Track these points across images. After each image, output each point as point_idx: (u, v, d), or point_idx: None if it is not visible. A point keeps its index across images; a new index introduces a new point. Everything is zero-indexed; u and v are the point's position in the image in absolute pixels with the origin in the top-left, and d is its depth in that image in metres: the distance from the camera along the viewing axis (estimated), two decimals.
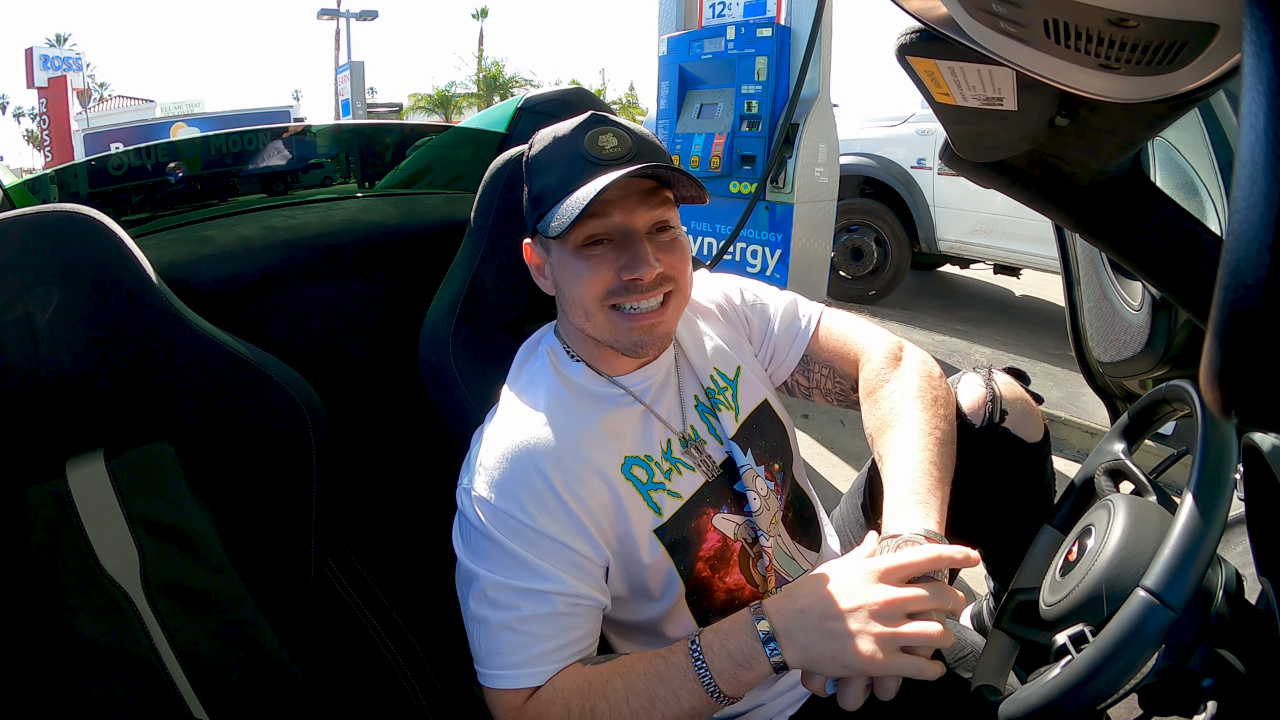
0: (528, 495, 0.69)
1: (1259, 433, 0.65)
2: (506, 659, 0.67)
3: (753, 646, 0.62)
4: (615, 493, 0.72)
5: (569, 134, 0.72)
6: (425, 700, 0.82)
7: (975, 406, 0.88)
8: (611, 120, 0.73)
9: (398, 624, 0.84)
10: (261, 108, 15.45)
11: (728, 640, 0.63)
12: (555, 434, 0.72)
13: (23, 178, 1.16)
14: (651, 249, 0.71)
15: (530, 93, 1.34)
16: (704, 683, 0.63)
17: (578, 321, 0.75)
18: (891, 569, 0.61)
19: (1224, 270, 0.25)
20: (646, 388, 0.79)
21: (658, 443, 0.78)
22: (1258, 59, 0.23)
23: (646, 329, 0.72)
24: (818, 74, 2.76)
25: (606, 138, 0.71)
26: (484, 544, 0.69)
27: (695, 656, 0.64)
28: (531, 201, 0.75)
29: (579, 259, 0.72)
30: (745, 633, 0.63)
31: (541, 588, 0.67)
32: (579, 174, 0.69)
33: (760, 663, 0.62)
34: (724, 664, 0.63)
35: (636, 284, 0.71)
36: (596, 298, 0.72)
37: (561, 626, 0.68)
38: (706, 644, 0.64)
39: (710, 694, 0.63)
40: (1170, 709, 0.60)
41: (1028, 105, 0.61)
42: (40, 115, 15.35)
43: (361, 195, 1.30)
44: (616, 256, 0.71)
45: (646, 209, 0.71)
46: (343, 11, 19.02)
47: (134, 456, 0.70)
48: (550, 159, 0.73)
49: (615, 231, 0.71)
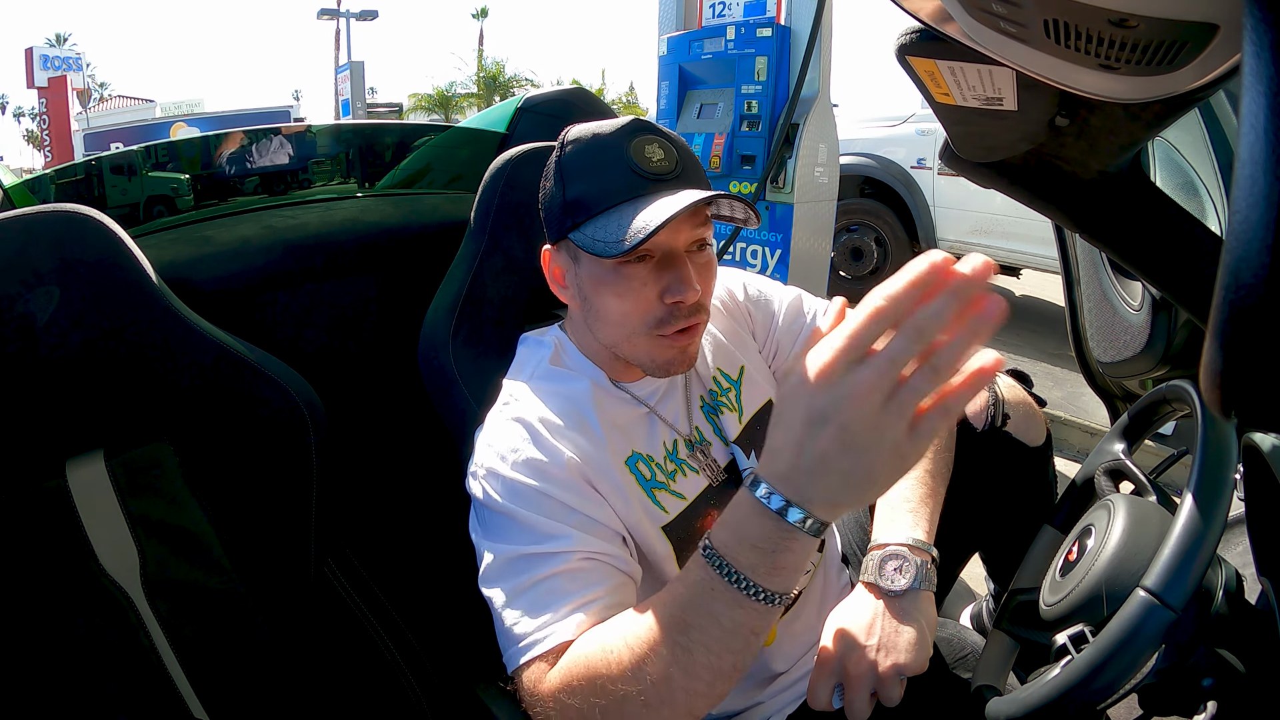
0: (534, 463, 0.67)
1: (1259, 433, 0.65)
2: (525, 626, 0.61)
3: (778, 527, 0.49)
4: (618, 482, 0.71)
5: (611, 137, 0.68)
6: (425, 700, 0.82)
7: (977, 410, 0.87)
8: (655, 128, 0.70)
9: (398, 624, 0.84)
10: (261, 108, 15.46)
11: (744, 531, 0.50)
12: (561, 416, 0.71)
13: (23, 178, 1.16)
14: (692, 271, 0.68)
15: (530, 92, 1.34)
16: (742, 587, 0.50)
17: (609, 338, 0.73)
18: (833, 360, 0.45)
19: (1224, 270, 0.25)
20: (653, 393, 0.79)
21: (662, 444, 0.77)
22: (1258, 59, 0.23)
23: (680, 350, 0.71)
24: (818, 74, 2.75)
25: (653, 149, 0.68)
26: (496, 518, 0.67)
27: (717, 563, 0.51)
28: (566, 207, 0.70)
29: (618, 276, 0.69)
30: (762, 516, 0.49)
31: (552, 548, 0.63)
32: (626, 187, 0.66)
33: (795, 538, 0.48)
34: (754, 558, 0.50)
35: (679, 307, 0.69)
36: (643, 322, 0.69)
37: (579, 581, 0.62)
38: (722, 544, 0.51)
39: (756, 597, 0.50)
40: (1170, 709, 0.60)
41: (1028, 105, 0.61)
42: (40, 115, 15.36)
43: (361, 195, 1.30)
44: (659, 277, 0.68)
45: (690, 227, 0.69)
46: (343, 11, 19.02)
47: (134, 456, 0.70)
48: (591, 163, 0.69)
49: (658, 249, 0.68)
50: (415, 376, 0.94)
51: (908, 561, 0.66)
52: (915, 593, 0.65)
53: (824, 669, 0.64)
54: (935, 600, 0.69)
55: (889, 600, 0.66)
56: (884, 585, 0.66)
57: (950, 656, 0.85)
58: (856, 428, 0.44)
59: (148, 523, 0.69)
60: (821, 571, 0.86)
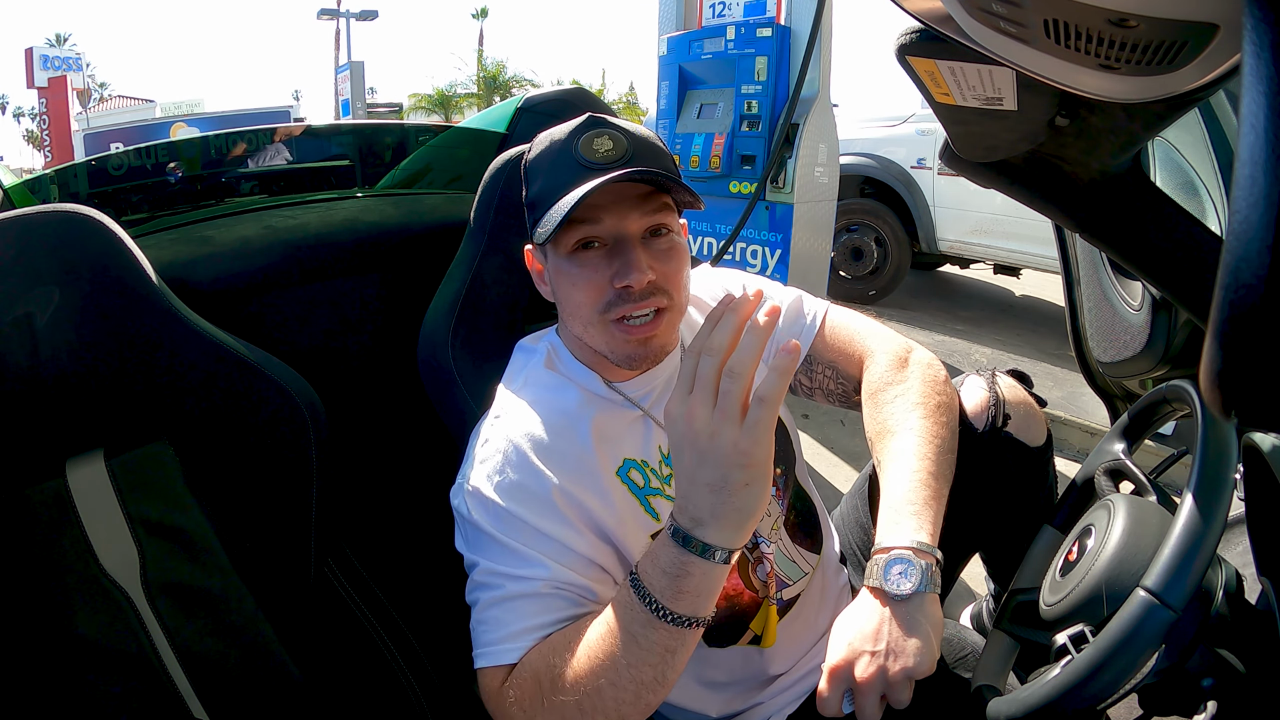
0: (518, 489, 0.68)
1: (1259, 433, 0.65)
2: (488, 636, 0.66)
3: (677, 552, 0.56)
4: (608, 496, 0.72)
5: (564, 137, 0.71)
6: (425, 700, 0.82)
7: (978, 410, 0.87)
8: (608, 122, 0.71)
9: (398, 624, 0.84)
10: (261, 108, 15.46)
11: (657, 558, 0.58)
12: (549, 432, 0.72)
13: (23, 178, 1.16)
14: (645, 255, 0.69)
15: (530, 92, 1.34)
16: (654, 610, 0.57)
17: (576, 330, 0.74)
18: (669, 403, 0.57)
19: (1224, 270, 0.25)
20: (647, 394, 0.79)
21: (656, 448, 0.77)
22: (1258, 59, 0.23)
23: (640, 342, 0.71)
24: (818, 74, 2.75)
25: (601, 140, 0.70)
26: (477, 536, 0.69)
27: (635, 587, 0.59)
28: (528, 206, 0.74)
29: (572, 264, 0.71)
30: (666, 541, 0.57)
31: (527, 573, 0.66)
32: (570, 178, 0.68)
33: (691, 561, 0.56)
34: (662, 581, 0.57)
35: (628, 291, 0.69)
36: (595, 309, 0.71)
37: (545, 606, 0.66)
38: (642, 570, 0.59)
39: (662, 618, 0.57)
40: (1170, 709, 0.59)
41: (1028, 105, 0.61)
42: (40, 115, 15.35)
43: (361, 195, 1.30)
44: (609, 262, 0.70)
45: (640, 214, 0.70)
46: (343, 11, 19.02)
47: (134, 456, 0.70)
48: (545, 163, 0.72)
49: (608, 237, 0.70)
50: (415, 377, 0.94)
51: (912, 565, 0.66)
52: (921, 596, 0.65)
53: (834, 678, 0.64)
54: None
55: (895, 605, 0.65)
56: (890, 590, 0.66)
57: (950, 656, 0.85)
58: (699, 441, 0.54)
59: (148, 523, 0.69)
60: (820, 572, 0.85)
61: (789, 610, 0.81)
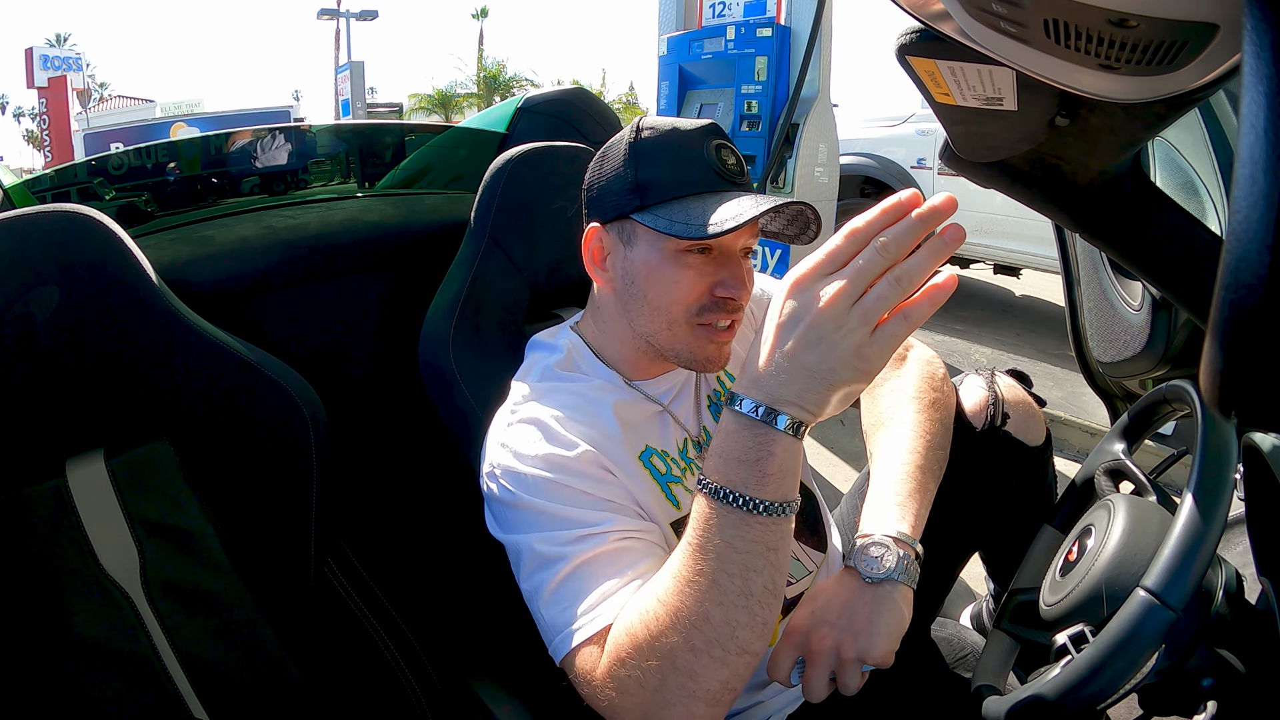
0: (554, 459, 0.68)
1: (1259, 433, 0.65)
2: (569, 613, 0.61)
3: (755, 433, 0.52)
4: (635, 474, 0.72)
5: (691, 133, 0.72)
6: (425, 700, 0.82)
7: (977, 409, 0.87)
8: (727, 136, 0.74)
9: (398, 624, 0.84)
10: (261, 108, 15.47)
11: (728, 449, 0.53)
12: (574, 411, 0.72)
13: (23, 178, 1.16)
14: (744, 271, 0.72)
15: (530, 92, 1.34)
16: (739, 505, 0.52)
17: (651, 325, 0.74)
18: (809, 270, 0.51)
19: (1224, 270, 0.25)
20: (666, 392, 0.80)
21: (675, 442, 0.78)
22: (1258, 59, 0.23)
23: (719, 346, 0.73)
24: (818, 74, 2.75)
25: (727, 153, 0.72)
26: (520, 514, 0.67)
27: (711, 490, 0.53)
28: (636, 187, 0.71)
29: (677, 265, 0.71)
30: (739, 428, 0.53)
31: (590, 532, 0.63)
32: (700, 178, 0.70)
33: (772, 439, 0.52)
34: (742, 472, 0.52)
35: (728, 303, 0.71)
36: (687, 309, 0.71)
37: (621, 559, 0.63)
38: (712, 470, 0.54)
39: (755, 510, 0.52)
40: (1170, 709, 0.60)
41: (1028, 105, 0.61)
42: (40, 115, 15.37)
43: (361, 195, 1.30)
44: (715, 271, 0.71)
45: (749, 233, 0.72)
46: (343, 11, 19.03)
47: (134, 456, 0.70)
48: (669, 153, 0.71)
49: (719, 246, 0.71)
50: (415, 377, 0.94)
51: (889, 551, 0.65)
52: (893, 584, 0.64)
53: (788, 640, 0.63)
54: (933, 600, 0.68)
55: (865, 586, 0.64)
56: (862, 570, 0.65)
57: (950, 656, 0.85)
58: (824, 327, 0.49)
59: (148, 523, 0.69)
60: (823, 571, 0.85)
61: (792, 608, 0.81)
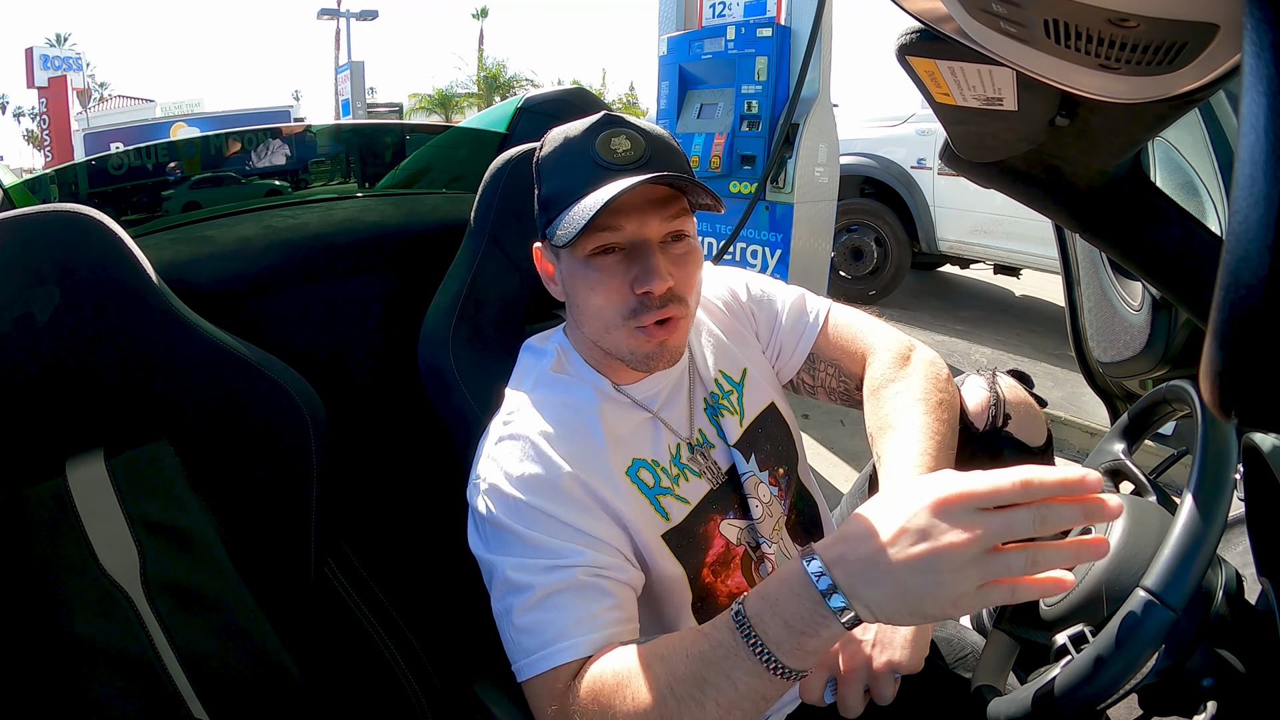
0: (536, 482, 0.67)
1: (1259, 433, 0.65)
2: (534, 640, 0.62)
3: (816, 610, 0.49)
4: (622, 493, 0.71)
5: (580, 135, 0.70)
6: (425, 700, 0.82)
7: (979, 410, 0.87)
8: (625, 121, 0.70)
9: (398, 624, 0.84)
10: (261, 108, 15.47)
11: (780, 606, 0.51)
12: (562, 426, 0.71)
13: (23, 178, 1.16)
14: (664, 261, 0.69)
15: (530, 92, 1.34)
16: (763, 660, 0.51)
17: (590, 332, 0.73)
18: (964, 495, 0.47)
19: (1224, 270, 0.25)
20: (654, 396, 0.79)
21: (666, 448, 0.77)
22: (1258, 59, 0.23)
23: (659, 344, 0.71)
24: (818, 74, 2.75)
25: (619, 140, 0.69)
26: (499, 534, 0.67)
27: (745, 631, 0.52)
28: (541, 205, 0.73)
29: (589, 269, 0.70)
30: (802, 594, 0.50)
31: (559, 563, 0.64)
32: (589, 179, 0.67)
33: (828, 624, 0.49)
34: (782, 634, 0.51)
35: (648, 298, 0.69)
36: (617, 311, 0.70)
37: (586, 596, 0.63)
38: (755, 614, 0.52)
39: (774, 671, 0.51)
40: (1170, 709, 0.59)
41: (1028, 105, 0.61)
42: (40, 115, 15.38)
43: (361, 195, 1.30)
44: (628, 268, 0.69)
45: (660, 219, 0.69)
46: (343, 11, 19.04)
47: (134, 456, 0.70)
48: (560, 161, 0.70)
49: (627, 241, 0.69)
50: (415, 377, 0.94)
51: None
52: None
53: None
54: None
55: None
56: None
57: (950, 656, 0.85)
58: (945, 562, 0.46)
59: (148, 523, 0.69)
60: None
61: None
